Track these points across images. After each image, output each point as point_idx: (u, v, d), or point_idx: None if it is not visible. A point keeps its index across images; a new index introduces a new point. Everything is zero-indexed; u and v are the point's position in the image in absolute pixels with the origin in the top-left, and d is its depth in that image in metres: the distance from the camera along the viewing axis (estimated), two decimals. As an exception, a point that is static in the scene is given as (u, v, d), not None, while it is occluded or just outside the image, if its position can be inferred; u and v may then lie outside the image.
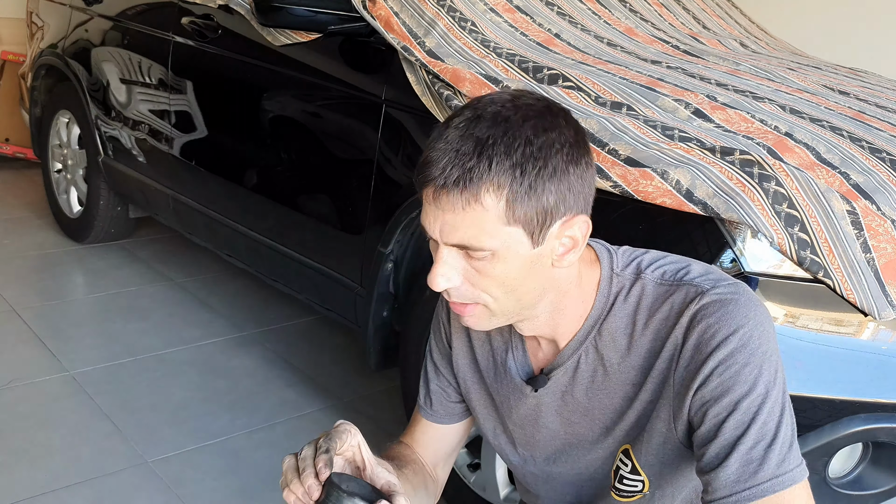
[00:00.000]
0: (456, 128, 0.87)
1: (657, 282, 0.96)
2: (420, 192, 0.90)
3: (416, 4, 2.02)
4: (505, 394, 1.08)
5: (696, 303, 0.92)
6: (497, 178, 0.84)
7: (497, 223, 0.86)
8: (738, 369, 0.88)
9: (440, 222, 0.88)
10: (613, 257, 1.00)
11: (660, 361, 0.94)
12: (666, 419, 0.95)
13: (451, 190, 0.85)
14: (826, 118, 1.71)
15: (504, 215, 0.86)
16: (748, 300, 0.91)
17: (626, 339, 0.97)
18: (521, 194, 0.85)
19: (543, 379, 1.02)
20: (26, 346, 2.64)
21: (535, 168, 0.85)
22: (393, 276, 2.05)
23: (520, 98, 0.89)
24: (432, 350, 1.17)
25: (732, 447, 0.87)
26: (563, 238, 0.91)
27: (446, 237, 0.88)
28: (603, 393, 1.00)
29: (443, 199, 0.86)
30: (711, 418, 0.89)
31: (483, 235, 0.86)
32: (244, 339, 2.84)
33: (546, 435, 1.07)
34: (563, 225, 0.89)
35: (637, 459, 1.00)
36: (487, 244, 0.87)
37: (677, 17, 2.51)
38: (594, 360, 0.99)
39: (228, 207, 2.62)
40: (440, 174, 0.85)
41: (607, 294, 0.97)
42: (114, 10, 3.12)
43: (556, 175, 0.86)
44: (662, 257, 1.00)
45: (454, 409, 1.17)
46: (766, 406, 0.88)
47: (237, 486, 2.05)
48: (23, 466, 2.03)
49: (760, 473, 0.86)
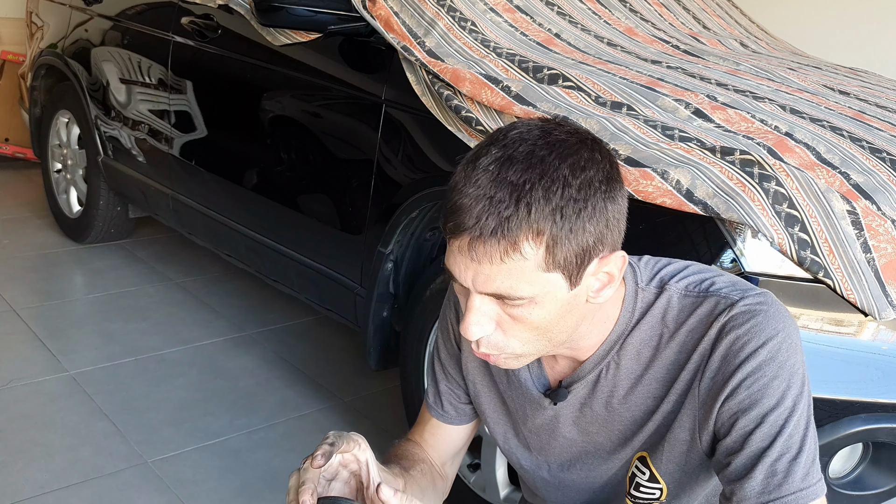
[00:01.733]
0: (485, 170, 0.81)
1: (682, 293, 0.95)
2: (449, 239, 0.85)
3: (416, 4, 2.02)
4: (520, 402, 1.07)
5: (726, 314, 0.90)
6: (537, 226, 0.80)
7: (537, 271, 0.82)
8: (767, 382, 0.87)
9: (473, 272, 0.83)
10: (637, 272, 0.97)
11: (685, 373, 0.93)
12: (690, 429, 0.94)
13: (488, 240, 0.80)
14: (826, 118, 1.71)
15: (544, 262, 0.82)
16: (777, 311, 0.91)
17: (650, 351, 0.95)
18: (561, 238, 0.81)
19: (564, 392, 1.01)
20: (26, 346, 2.64)
21: (575, 211, 0.81)
22: (393, 276, 2.05)
23: (551, 133, 0.84)
24: (440, 350, 1.15)
25: (758, 459, 0.87)
26: (600, 274, 0.88)
27: (480, 286, 0.84)
28: (624, 406, 0.99)
29: (479, 249, 0.81)
30: (738, 430, 0.89)
31: (522, 284, 0.82)
32: (244, 339, 2.84)
33: (562, 443, 1.06)
34: (601, 262, 0.86)
35: (657, 467, 0.99)
36: (526, 292, 0.83)
37: (677, 17, 2.51)
38: (616, 374, 0.97)
39: (228, 207, 2.62)
40: (475, 224, 0.80)
41: (632, 309, 0.96)
42: (114, 10, 3.12)
43: (596, 214, 0.83)
44: (685, 267, 0.98)
45: (464, 410, 1.16)
46: (792, 419, 0.87)
47: (237, 486, 2.05)
48: (23, 466, 2.03)
49: (785, 486, 0.86)
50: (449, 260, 0.86)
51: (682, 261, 1.01)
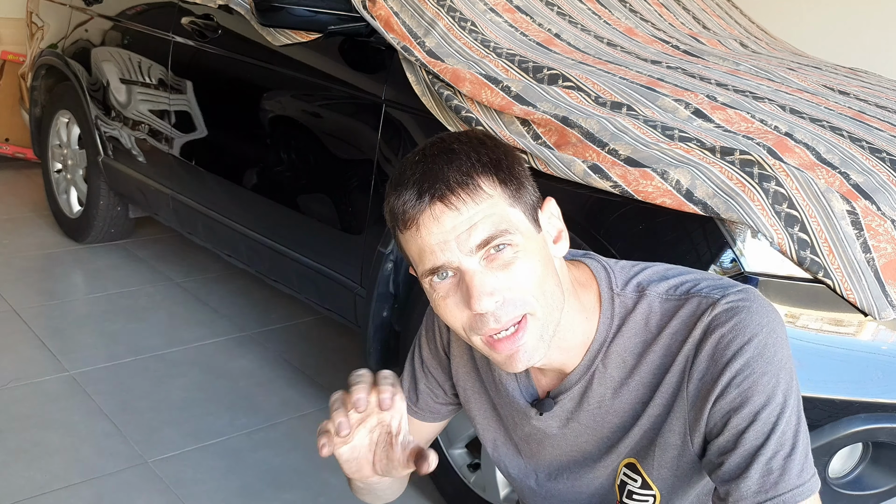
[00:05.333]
0: (412, 164, 0.89)
1: (663, 297, 0.95)
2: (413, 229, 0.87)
3: (416, 4, 2.02)
4: (508, 410, 1.07)
5: (708, 314, 0.90)
6: (482, 169, 0.87)
7: (505, 205, 0.87)
8: (756, 379, 0.87)
9: (455, 235, 0.85)
10: (611, 275, 0.98)
11: (669, 375, 0.93)
12: (680, 432, 0.94)
13: (456, 189, 0.85)
14: (826, 118, 1.71)
15: (507, 197, 0.88)
16: (760, 307, 0.90)
17: (634, 358, 0.95)
18: (506, 178, 0.88)
19: (550, 403, 1.01)
20: (26, 346, 2.64)
21: (503, 157, 0.89)
22: (393, 276, 2.05)
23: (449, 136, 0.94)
24: (422, 349, 1.16)
25: (753, 457, 0.87)
26: (552, 219, 0.93)
27: (470, 241, 0.85)
28: (611, 413, 0.98)
29: (446, 211, 0.85)
30: (731, 429, 0.88)
31: (504, 219, 0.87)
32: (244, 339, 2.84)
33: (551, 452, 1.06)
34: (542, 209, 0.93)
35: (648, 473, 0.99)
36: (512, 227, 0.87)
37: (677, 17, 2.51)
38: (601, 383, 0.97)
39: (228, 207, 2.62)
40: (437, 187, 0.85)
41: (611, 315, 0.95)
42: (114, 10, 3.12)
43: (520, 162, 0.91)
44: (664, 271, 0.98)
45: (440, 409, 1.17)
46: (784, 415, 0.87)
47: (237, 486, 2.05)
48: (23, 466, 2.03)
49: (782, 484, 0.86)
50: (423, 254, 0.88)
51: (658, 263, 1.00)
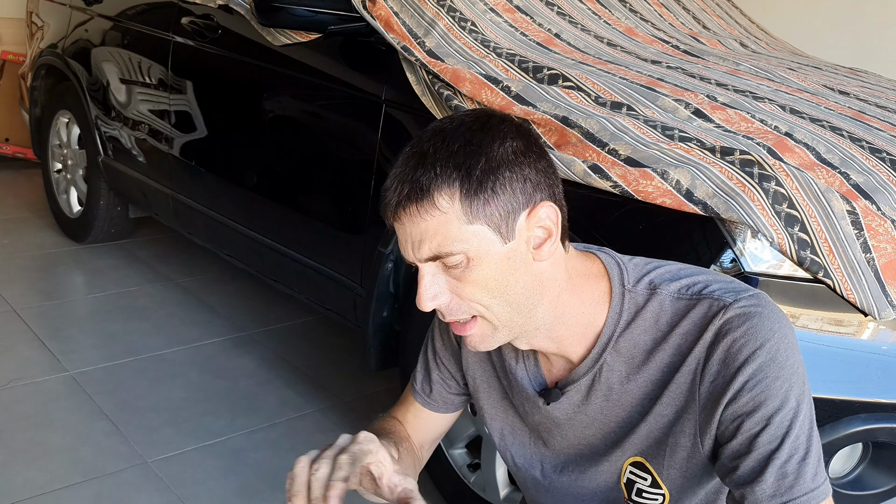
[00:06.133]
0: (402, 155, 0.90)
1: (675, 296, 0.95)
2: (389, 224, 0.91)
3: (416, 4, 2.02)
4: (520, 398, 1.08)
5: (720, 317, 0.90)
6: (446, 181, 0.85)
7: (459, 224, 0.86)
8: (769, 383, 0.88)
9: (409, 240, 0.88)
10: (624, 272, 0.98)
11: (679, 375, 0.93)
12: (691, 434, 0.94)
13: (408, 205, 0.86)
14: (826, 118, 1.71)
15: (464, 215, 0.86)
16: (771, 312, 0.90)
17: (643, 354, 0.95)
18: (472, 191, 0.86)
19: (557, 393, 1.01)
20: (26, 346, 2.64)
21: (478, 163, 0.86)
22: (393, 276, 2.05)
23: (455, 119, 0.91)
24: (435, 339, 1.17)
25: (767, 461, 0.87)
26: (536, 229, 0.90)
27: (419, 253, 0.88)
28: (618, 406, 0.99)
29: (404, 217, 0.87)
30: (744, 433, 0.89)
31: (449, 240, 0.86)
32: (244, 339, 2.84)
33: (559, 441, 1.06)
34: (530, 216, 0.89)
35: (658, 473, 0.99)
36: (457, 248, 0.87)
37: (677, 17, 2.51)
38: (609, 377, 0.98)
39: (228, 207, 2.62)
40: (394, 194, 0.87)
41: (619, 310, 0.96)
42: (114, 10, 3.12)
43: (505, 167, 0.87)
44: (677, 270, 0.98)
45: (452, 400, 1.17)
46: (798, 419, 0.88)
47: (237, 486, 2.05)
48: (23, 466, 2.03)
49: (797, 487, 0.86)
50: (400, 248, 0.92)
51: (672, 262, 1.01)
